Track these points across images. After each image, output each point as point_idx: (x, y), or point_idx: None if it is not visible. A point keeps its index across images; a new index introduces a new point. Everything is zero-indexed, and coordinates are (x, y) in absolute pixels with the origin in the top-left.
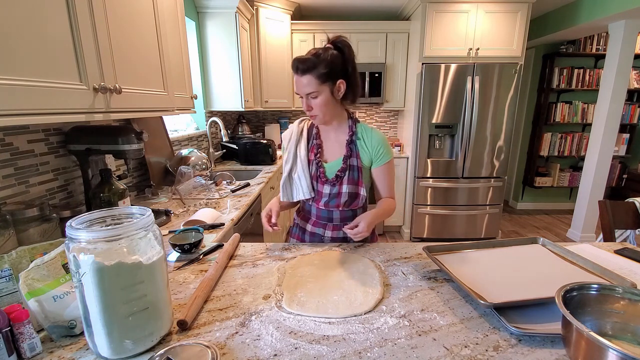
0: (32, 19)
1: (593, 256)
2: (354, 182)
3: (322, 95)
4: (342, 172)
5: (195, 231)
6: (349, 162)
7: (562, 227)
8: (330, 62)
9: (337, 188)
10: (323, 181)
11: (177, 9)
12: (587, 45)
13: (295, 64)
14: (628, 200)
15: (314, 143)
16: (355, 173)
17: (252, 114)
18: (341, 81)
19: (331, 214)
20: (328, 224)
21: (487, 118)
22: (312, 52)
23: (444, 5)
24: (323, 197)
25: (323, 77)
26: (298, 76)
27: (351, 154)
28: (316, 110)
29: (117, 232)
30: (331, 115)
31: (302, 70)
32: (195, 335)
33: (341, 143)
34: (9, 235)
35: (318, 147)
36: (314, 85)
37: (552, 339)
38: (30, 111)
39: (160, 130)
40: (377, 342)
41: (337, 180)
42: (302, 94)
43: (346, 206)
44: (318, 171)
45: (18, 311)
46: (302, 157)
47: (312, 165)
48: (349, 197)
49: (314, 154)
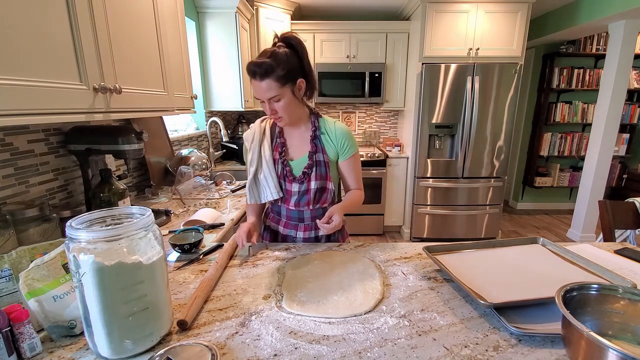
0: (32, 19)
1: (593, 256)
2: (322, 178)
3: (284, 97)
4: (309, 169)
5: (195, 231)
6: (315, 158)
7: (562, 227)
8: (287, 62)
9: (306, 185)
10: (290, 180)
11: (177, 9)
12: (587, 45)
13: (251, 69)
14: (628, 200)
15: (277, 142)
16: (322, 168)
17: (252, 114)
18: (301, 80)
19: (302, 214)
20: (299, 225)
21: (487, 118)
22: (267, 54)
23: (444, 5)
24: (292, 196)
25: (283, 80)
26: (257, 81)
27: (316, 149)
28: (281, 113)
29: (117, 232)
30: (296, 115)
31: (261, 74)
32: (195, 335)
33: (305, 140)
34: (9, 235)
35: (282, 146)
36: (274, 89)
37: (552, 339)
38: (30, 111)
39: (160, 130)
40: (377, 342)
41: (305, 177)
42: (264, 99)
43: (316, 203)
44: (284, 170)
45: (18, 311)
46: (267, 157)
47: (278, 164)
48: (318, 192)
49: (278, 153)
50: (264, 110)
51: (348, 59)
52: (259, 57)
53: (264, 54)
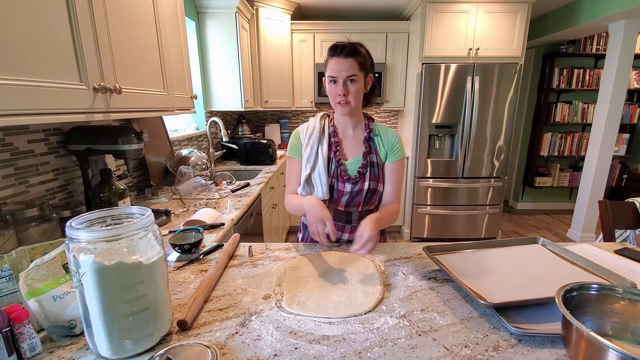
0: (32, 19)
1: (593, 256)
2: (375, 179)
3: (359, 82)
4: (364, 169)
5: (195, 231)
6: (369, 159)
7: (562, 227)
8: (366, 54)
9: (359, 185)
10: (344, 179)
11: (177, 9)
12: (587, 45)
13: (338, 47)
14: (628, 200)
15: (332, 141)
16: (375, 169)
17: (252, 114)
18: (371, 76)
19: (350, 215)
20: (346, 226)
21: (487, 118)
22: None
23: (444, 5)
24: (344, 196)
25: (362, 65)
26: (340, 58)
27: (370, 150)
28: (351, 96)
29: (117, 232)
30: (358, 107)
31: (346, 53)
32: (195, 335)
33: (359, 140)
34: (9, 235)
35: (337, 145)
36: (355, 69)
37: (552, 339)
38: (30, 111)
39: (160, 130)
40: (377, 342)
41: (360, 177)
42: (342, 77)
43: (365, 204)
44: (339, 169)
45: (18, 311)
46: (324, 156)
47: (332, 163)
48: (370, 193)
49: (333, 152)
50: (331, 93)
51: None
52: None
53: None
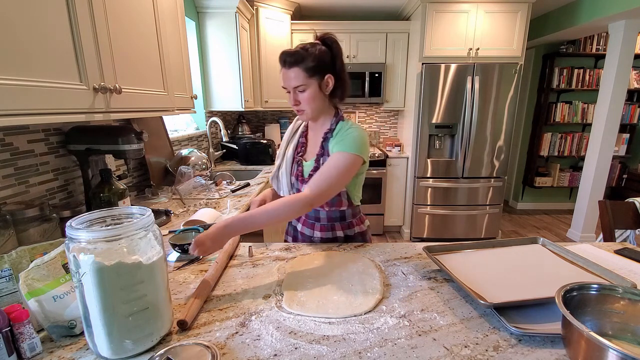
0: (32, 19)
1: (593, 256)
2: None
3: (309, 89)
4: (314, 172)
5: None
6: (322, 161)
7: (562, 227)
8: (319, 56)
9: None
10: (301, 180)
11: (177, 9)
12: (587, 45)
13: (282, 57)
14: (628, 200)
15: (300, 141)
16: None
17: (252, 114)
18: (329, 76)
19: (318, 213)
20: (316, 224)
21: (487, 118)
22: (300, 46)
23: (444, 5)
24: None
25: (311, 71)
26: (285, 69)
27: (323, 152)
28: (304, 105)
29: (117, 232)
30: (319, 111)
31: (290, 63)
32: (195, 335)
33: (318, 141)
34: (9, 235)
35: (302, 146)
36: (301, 78)
37: (552, 339)
38: (30, 111)
39: (160, 130)
40: (377, 342)
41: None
42: (289, 87)
43: (329, 205)
44: (297, 170)
45: (18, 311)
46: (288, 156)
47: (294, 164)
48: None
49: (297, 153)
50: (289, 101)
51: (348, 59)
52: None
53: (299, 46)
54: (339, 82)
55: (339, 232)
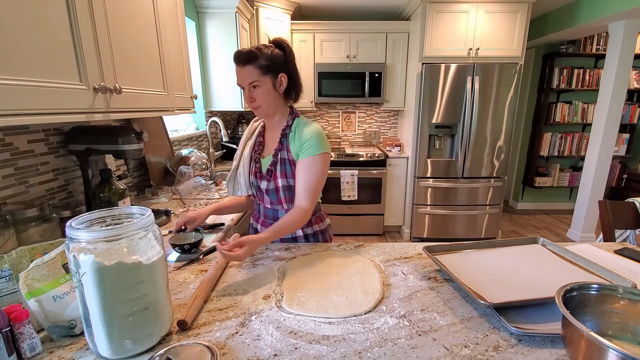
0: (32, 19)
1: (593, 256)
2: (286, 176)
3: (264, 85)
4: (273, 166)
5: (195, 231)
6: (280, 156)
7: (562, 227)
8: (271, 56)
9: (273, 183)
10: (260, 177)
11: (177, 9)
12: (587, 45)
13: (236, 56)
14: (628, 200)
15: (257, 141)
16: (287, 166)
17: (252, 114)
18: (282, 74)
19: (277, 213)
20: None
21: (487, 118)
22: (254, 47)
23: (444, 5)
24: (264, 194)
25: (264, 69)
26: (239, 67)
27: (281, 147)
28: (259, 101)
29: (117, 232)
30: (274, 108)
31: (243, 61)
32: (195, 335)
33: (277, 138)
34: (9, 235)
35: (260, 144)
36: (255, 75)
37: (552, 339)
38: (30, 111)
39: (160, 130)
40: (377, 342)
41: (270, 174)
42: (244, 84)
43: (288, 202)
44: (255, 167)
45: (18, 311)
46: (246, 155)
47: (252, 162)
48: (287, 190)
49: (254, 151)
50: (244, 98)
51: (348, 59)
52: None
53: (252, 47)
54: (292, 82)
55: (299, 231)
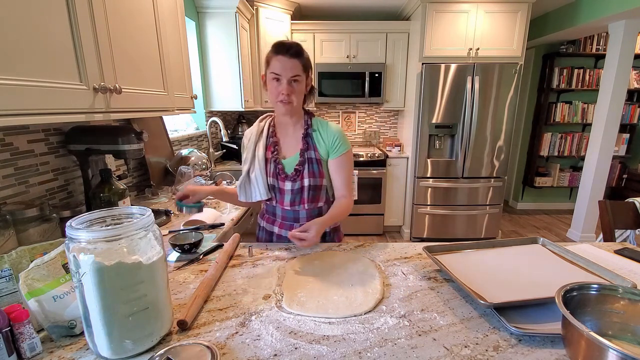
0: (32, 18)
1: (593, 256)
2: (314, 175)
3: (302, 82)
4: (301, 166)
5: (195, 231)
6: (307, 155)
7: (562, 227)
8: (308, 56)
9: (299, 183)
10: (283, 178)
11: (177, 9)
12: (587, 45)
13: (285, 46)
14: (628, 200)
15: (270, 141)
16: (314, 165)
17: (252, 114)
18: (311, 77)
19: (297, 213)
20: (295, 225)
21: (487, 118)
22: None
23: (444, 5)
24: (286, 195)
25: (305, 66)
26: (287, 57)
27: (308, 147)
28: (294, 96)
29: (117, 232)
30: (299, 107)
31: (293, 53)
32: (195, 335)
33: (297, 138)
34: (9, 235)
35: (275, 145)
36: (299, 69)
37: (552, 339)
38: (30, 111)
39: (160, 130)
40: (377, 342)
41: (297, 174)
42: (287, 75)
43: (310, 202)
44: (277, 168)
45: (18, 311)
46: (260, 157)
47: (270, 163)
48: (312, 190)
49: (271, 152)
50: (274, 91)
51: (348, 59)
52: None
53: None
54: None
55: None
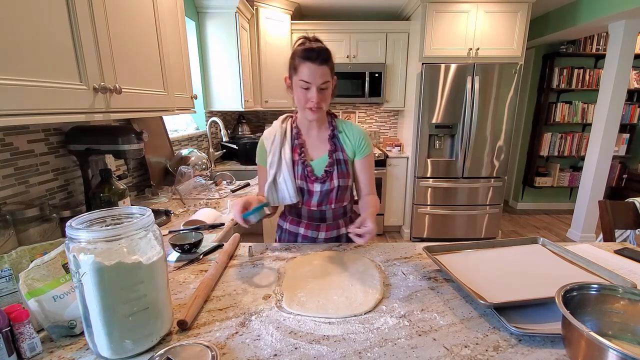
0: (32, 18)
1: (593, 256)
2: (343, 176)
3: (330, 87)
4: (331, 167)
5: (195, 231)
6: (335, 157)
7: (562, 227)
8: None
9: (329, 184)
10: (312, 180)
11: (177, 9)
12: (587, 45)
13: (314, 51)
14: (628, 200)
15: (296, 143)
16: (342, 166)
17: (252, 114)
18: (335, 78)
19: (324, 213)
20: (321, 225)
21: (487, 118)
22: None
23: (444, 5)
24: (314, 196)
25: (332, 70)
26: (315, 65)
27: (335, 148)
28: (324, 103)
29: (117, 232)
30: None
31: (322, 59)
32: (195, 335)
33: (323, 139)
34: (9, 235)
35: (301, 147)
36: (328, 75)
37: (552, 339)
38: (30, 111)
39: (160, 130)
40: (377, 342)
41: (327, 175)
42: (317, 83)
43: (337, 202)
44: (305, 171)
45: (18, 311)
46: (287, 160)
47: (298, 166)
48: (341, 190)
49: (297, 154)
50: (302, 98)
51: (348, 59)
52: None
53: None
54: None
55: (342, 229)
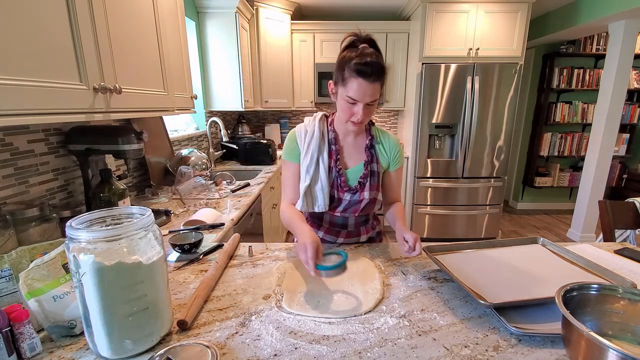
0: (32, 18)
1: (593, 256)
2: (375, 188)
3: (377, 101)
4: (365, 179)
5: (195, 231)
6: (370, 168)
7: (562, 227)
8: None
9: (359, 195)
10: (345, 190)
11: (177, 9)
12: (587, 45)
13: (369, 67)
14: (628, 200)
15: (333, 149)
16: (375, 178)
17: (252, 114)
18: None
19: (346, 220)
20: (342, 231)
21: (487, 118)
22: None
23: (444, 5)
24: (341, 204)
25: (383, 84)
26: (367, 83)
27: (371, 159)
28: (369, 117)
29: (117, 232)
30: None
31: (376, 77)
32: (195, 335)
33: (359, 148)
34: (9, 235)
35: (337, 154)
36: (378, 92)
37: (552, 339)
38: (30, 111)
39: (160, 130)
40: (377, 342)
41: (360, 187)
42: (365, 101)
43: (362, 211)
44: (339, 179)
45: (18, 311)
46: (326, 167)
47: (332, 172)
48: (369, 203)
49: (333, 161)
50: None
51: None
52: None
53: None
54: None
55: (363, 237)
